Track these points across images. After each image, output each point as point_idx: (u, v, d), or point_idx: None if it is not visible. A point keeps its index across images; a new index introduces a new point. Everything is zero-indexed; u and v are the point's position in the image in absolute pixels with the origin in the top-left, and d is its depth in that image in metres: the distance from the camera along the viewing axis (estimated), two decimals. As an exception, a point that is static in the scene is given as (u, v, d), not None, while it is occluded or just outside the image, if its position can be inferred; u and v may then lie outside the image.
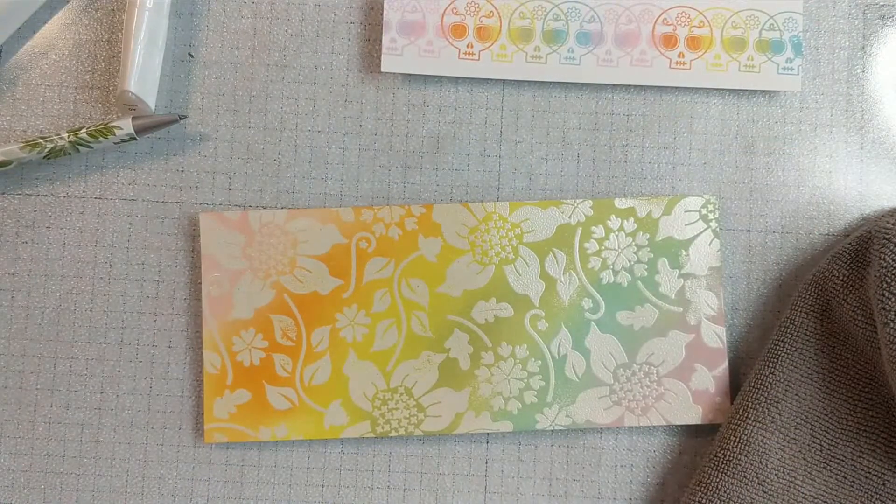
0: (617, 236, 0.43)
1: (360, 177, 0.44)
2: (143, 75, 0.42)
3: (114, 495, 0.43)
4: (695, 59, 0.43)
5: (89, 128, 0.42)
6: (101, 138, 0.42)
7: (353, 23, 0.44)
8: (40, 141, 0.42)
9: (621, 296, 0.43)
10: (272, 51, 0.44)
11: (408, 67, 0.43)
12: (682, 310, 0.43)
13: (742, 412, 0.41)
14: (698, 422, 0.43)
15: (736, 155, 0.44)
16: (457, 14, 0.44)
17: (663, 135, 0.44)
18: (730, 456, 0.41)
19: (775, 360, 0.41)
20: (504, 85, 0.44)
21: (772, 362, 0.41)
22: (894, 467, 0.40)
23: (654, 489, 0.43)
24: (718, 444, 0.41)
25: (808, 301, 0.41)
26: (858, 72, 0.44)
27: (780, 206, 0.44)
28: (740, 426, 0.41)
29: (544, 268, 0.43)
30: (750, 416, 0.41)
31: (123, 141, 0.42)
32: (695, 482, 0.41)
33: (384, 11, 0.43)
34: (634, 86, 0.44)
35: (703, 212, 0.43)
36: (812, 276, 0.42)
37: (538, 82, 0.44)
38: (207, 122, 0.44)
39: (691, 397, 0.43)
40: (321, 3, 0.44)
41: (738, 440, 0.41)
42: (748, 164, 0.44)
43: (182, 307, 0.44)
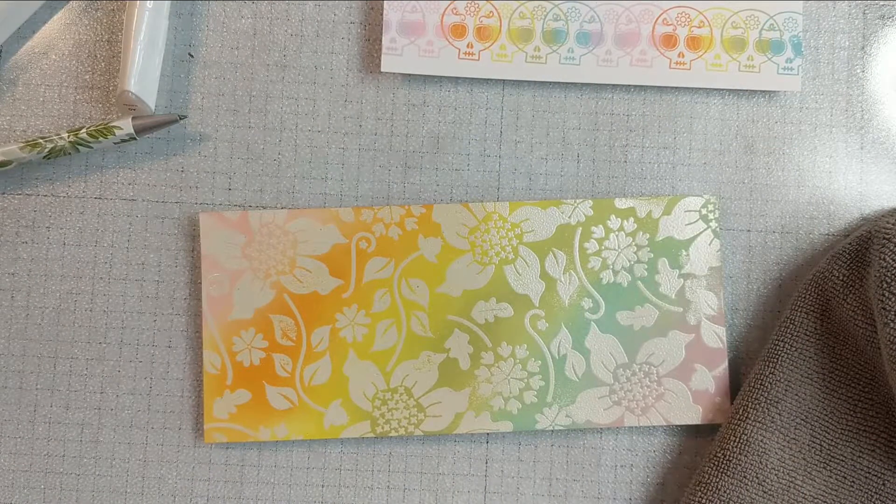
0: (617, 236, 0.43)
1: (360, 177, 0.44)
2: (143, 75, 0.42)
3: (114, 495, 0.43)
4: (695, 60, 0.43)
5: (89, 128, 0.42)
6: (101, 138, 0.42)
7: (353, 23, 0.44)
8: (40, 141, 0.42)
9: (621, 296, 0.43)
10: (272, 51, 0.44)
11: (408, 67, 0.43)
12: (682, 310, 0.43)
13: (742, 412, 0.41)
14: (698, 422, 0.43)
15: (736, 155, 0.44)
16: (457, 14, 0.44)
17: (663, 135, 0.44)
18: (730, 456, 0.41)
19: (775, 360, 0.41)
20: (504, 85, 0.44)
21: (772, 362, 0.41)
22: (894, 467, 0.40)
23: (654, 489, 0.43)
24: (718, 444, 0.41)
25: (808, 301, 0.41)
26: (858, 72, 0.44)
27: (780, 206, 0.44)
28: (740, 426, 0.41)
29: (544, 268, 0.43)
30: (750, 416, 0.41)
31: (123, 141, 0.42)
32: (695, 482, 0.41)
33: (384, 11, 0.43)
34: (634, 86, 0.44)
35: (703, 212, 0.43)
36: (812, 276, 0.42)
37: (538, 82, 0.44)
38: (207, 122, 0.44)
39: (691, 397, 0.43)
40: (321, 3, 0.44)
41: (738, 440, 0.41)
42: (748, 164, 0.44)
43: (182, 307, 0.44)
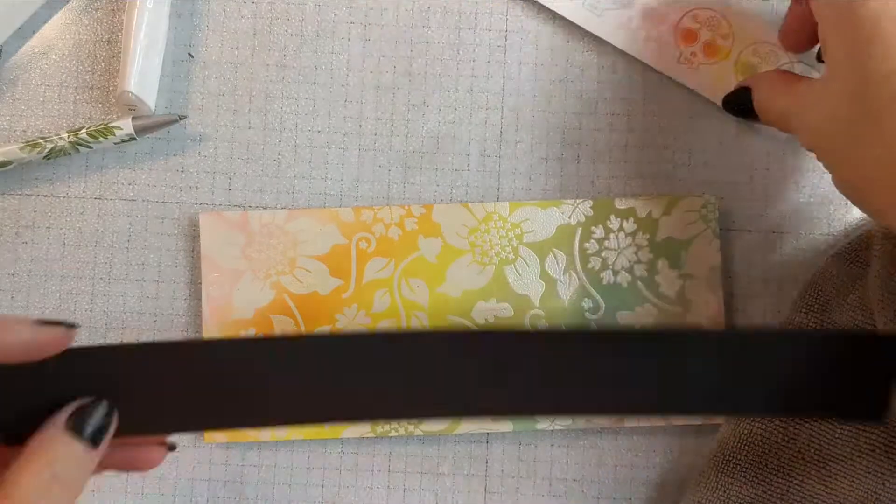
0: (617, 236, 0.43)
1: (360, 177, 0.44)
2: (143, 75, 0.42)
3: (114, 495, 0.43)
4: (704, 65, 0.43)
5: (89, 128, 0.42)
6: (101, 138, 0.42)
7: (353, 23, 0.44)
8: (40, 141, 0.42)
9: (621, 296, 0.43)
10: (272, 51, 0.44)
11: (408, 67, 0.43)
12: (682, 310, 0.43)
13: (742, 412, 0.41)
14: (698, 422, 0.43)
15: (736, 155, 0.44)
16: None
17: (663, 135, 0.44)
18: (730, 456, 0.41)
19: (775, 360, 0.41)
20: (504, 85, 0.44)
21: (772, 362, 0.41)
22: (894, 467, 0.40)
23: (654, 489, 0.43)
24: (718, 444, 0.41)
25: (808, 301, 0.41)
26: (858, 72, 0.44)
27: (780, 206, 0.44)
28: (740, 426, 0.41)
29: (544, 268, 0.43)
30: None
31: (123, 141, 0.42)
32: (695, 482, 0.41)
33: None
34: (636, 86, 0.44)
35: (703, 212, 0.43)
36: (812, 276, 0.42)
37: (538, 82, 0.44)
38: (207, 122, 0.44)
39: (691, 397, 0.43)
40: (321, 3, 0.44)
41: (738, 440, 0.41)
42: (748, 164, 0.44)
43: (182, 307, 0.43)
